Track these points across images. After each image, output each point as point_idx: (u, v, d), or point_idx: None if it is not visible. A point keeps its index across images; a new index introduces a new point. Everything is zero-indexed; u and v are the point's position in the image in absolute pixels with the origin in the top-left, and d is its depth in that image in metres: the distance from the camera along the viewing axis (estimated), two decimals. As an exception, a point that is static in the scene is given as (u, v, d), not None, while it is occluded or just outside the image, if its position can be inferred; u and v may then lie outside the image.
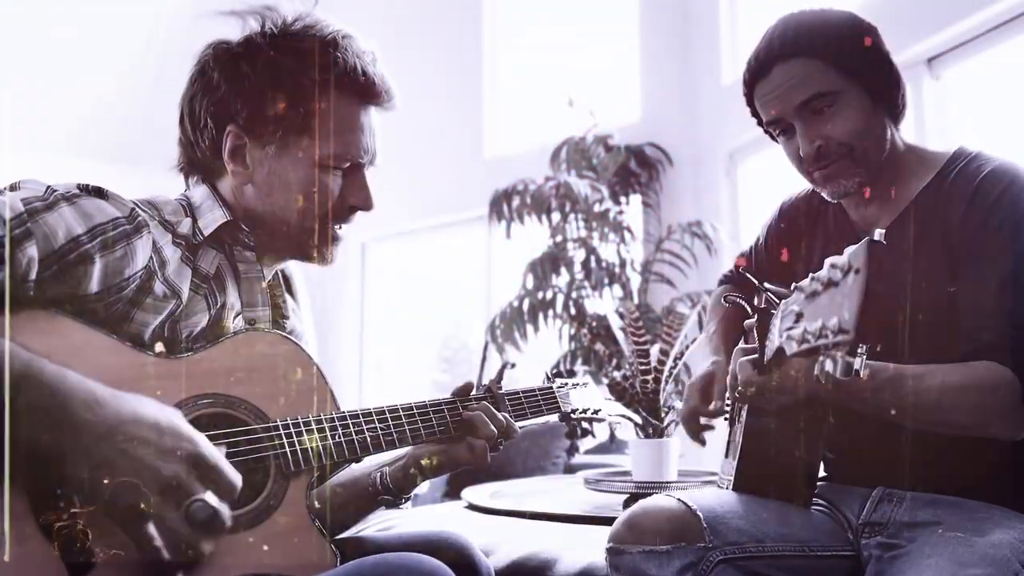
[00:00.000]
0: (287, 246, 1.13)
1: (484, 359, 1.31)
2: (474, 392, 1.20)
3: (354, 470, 1.22)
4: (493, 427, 1.14)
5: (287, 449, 1.00)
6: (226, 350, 1.02)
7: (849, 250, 0.80)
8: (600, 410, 1.41)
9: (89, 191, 0.95)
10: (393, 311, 5.87)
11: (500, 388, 1.23)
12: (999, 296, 1.09)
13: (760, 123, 1.27)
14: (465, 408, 1.16)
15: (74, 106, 5.28)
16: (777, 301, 0.97)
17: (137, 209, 0.98)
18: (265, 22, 1.07)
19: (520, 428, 1.22)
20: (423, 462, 1.15)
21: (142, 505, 0.79)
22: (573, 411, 1.36)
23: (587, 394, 1.43)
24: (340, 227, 1.13)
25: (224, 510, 0.82)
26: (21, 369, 0.78)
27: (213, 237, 1.07)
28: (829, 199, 1.26)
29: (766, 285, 1.00)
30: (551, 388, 1.33)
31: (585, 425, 1.41)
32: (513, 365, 1.31)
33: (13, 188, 0.91)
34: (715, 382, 1.35)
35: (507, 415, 1.18)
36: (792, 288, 0.90)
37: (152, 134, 5.56)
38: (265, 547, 0.96)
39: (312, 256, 1.13)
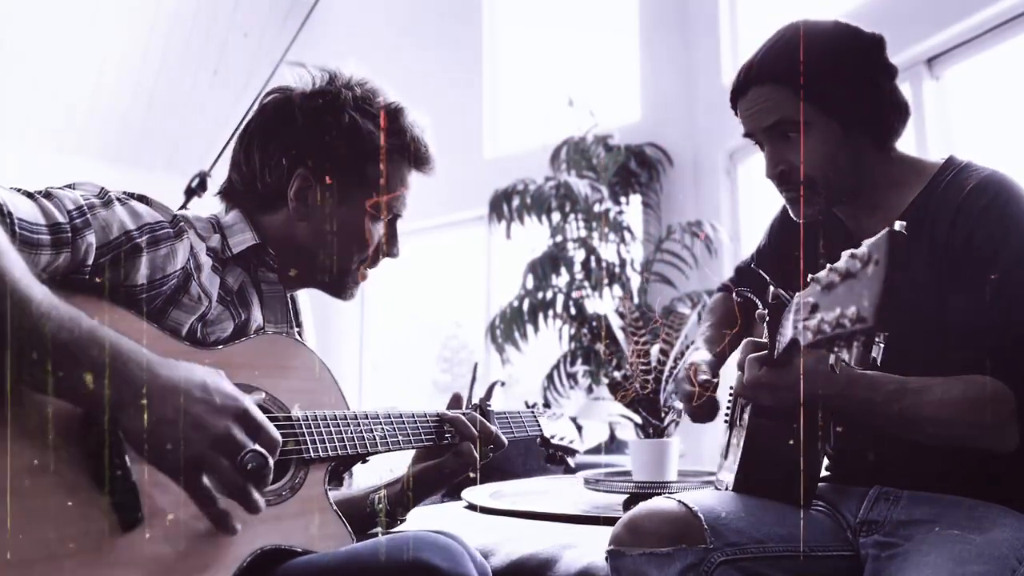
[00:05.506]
0: (315, 279, 1.23)
1: (474, 379, 1.42)
2: (464, 408, 1.31)
3: (352, 493, 1.30)
4: (475, 431, 1.24)
5: (307, 438, 1.08)
6: (251, 347, 1.11)
7: (869, 241, 0.80)
8: (574, 440, 1.53)
9: (135, 198, 1.04)
10: (393, 311, 5.87)
11: (489, 405, 1.33)
12: (989, 309, 1.09)
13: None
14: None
15: (71, 106, 5.27)
16: (787, 299, 0.97)
17: (178, 216, 1.07)
18: (334, 79, 1.18)
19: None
20: (418, 480, 1.25)
21: (200, 457, 0.86)
22: (551, 436, 1.49)
23: (562, 425, 1.54)
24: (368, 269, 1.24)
25: (271, 461, 0.90)
26: (88, 330, 0.84)
27: (240, 256, 1.15)
28: (795, 219, 1.27)
29: (774, 287, 1.00)
30: (532, 412, 1.48)
31: (560, 452, 1.54)
32: (503, 383, 1.44)
33: (71, 187, 0.99)
34: (696, 367, 1.36)
35: (496, 427, 1.29)
36: (808, 279, 0.89)
37: (150, 135, 5.58)
38: (288, 523, 1.03)
39: (339, 292, 1.24)
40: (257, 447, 0.89)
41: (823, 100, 1.17)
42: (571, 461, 1.53)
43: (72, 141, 5.32)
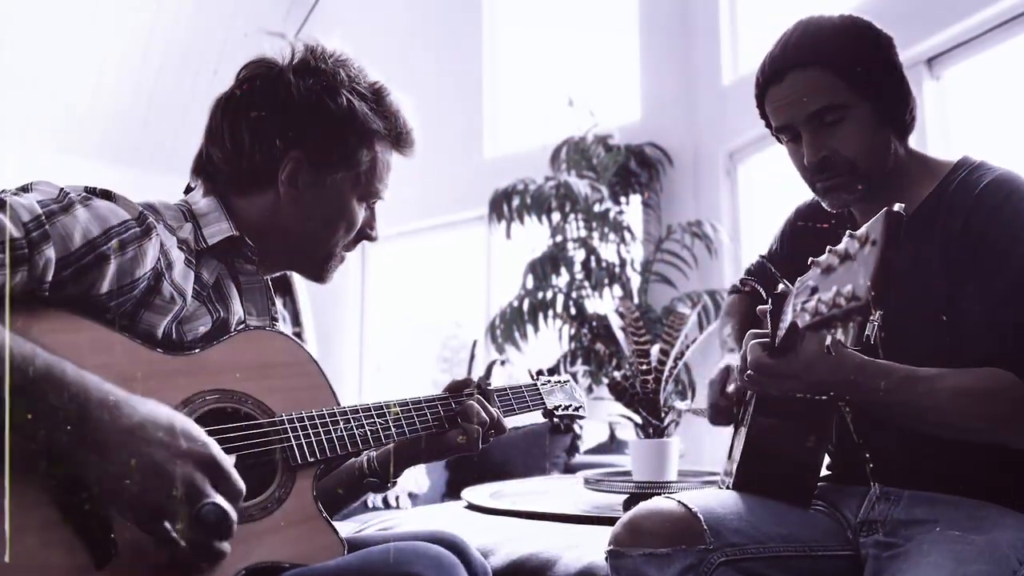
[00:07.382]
0: (297, 262, 1.20)
1: (472, 357, 1.35)
2: (465, 389, 1.26)
3: None
4: (485, 416, 1.21)
5: (292, 443, 1.04)
6: (231, 348, 1.05)
7: (867, 223, 0.80)
8: (581, 407, 1.47)
9: (97, 194, 0.96)
10: (393, 311, 5.87)
11: (489, 384, 1.29)
12: (1003, 306, 1.08)
13: (768, 125, 1.27)
14: (458, 403, 1.23)
15: (71, 106, 5.27)
16: (791, 291, 0.96)
17: (145, 212, 1.00)
18: (318, 54, 1.14)
19: (510, 427, 1.29)
20: (411, 446, 1.21)
21: (159, 505, 0.82)
22: (556, 407, 1.42)
23: (569, 391, 1.48)
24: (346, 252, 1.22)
25: (233, 513, 0.85)
26: (44, 369, 0.79)
27: (215, 247, 1.09)
28: (828, 209, 1.27)
29: (783, 282, 1.00)
30: (536, 385, 1.40)
31: (567, 421, 1.46)
32: (503, 363, 1.37)
33: (25, 190, 0.91)
34: (731, 374, 1.34)
35: (497, 410, 1.25)
36: (809, 263, 0.89)
37: (150, 135, 5.58)
38: (275, 537, 0.99)
39: (320, 275, 1.21)
40: (217, 499, 0.84)
41: (865, 85, 1.17)
42: (578, 428, 1.47)
43: (72, 141, 5.32)
